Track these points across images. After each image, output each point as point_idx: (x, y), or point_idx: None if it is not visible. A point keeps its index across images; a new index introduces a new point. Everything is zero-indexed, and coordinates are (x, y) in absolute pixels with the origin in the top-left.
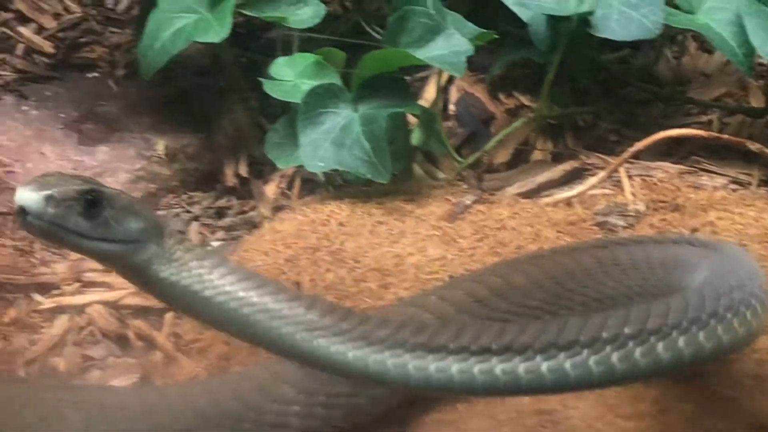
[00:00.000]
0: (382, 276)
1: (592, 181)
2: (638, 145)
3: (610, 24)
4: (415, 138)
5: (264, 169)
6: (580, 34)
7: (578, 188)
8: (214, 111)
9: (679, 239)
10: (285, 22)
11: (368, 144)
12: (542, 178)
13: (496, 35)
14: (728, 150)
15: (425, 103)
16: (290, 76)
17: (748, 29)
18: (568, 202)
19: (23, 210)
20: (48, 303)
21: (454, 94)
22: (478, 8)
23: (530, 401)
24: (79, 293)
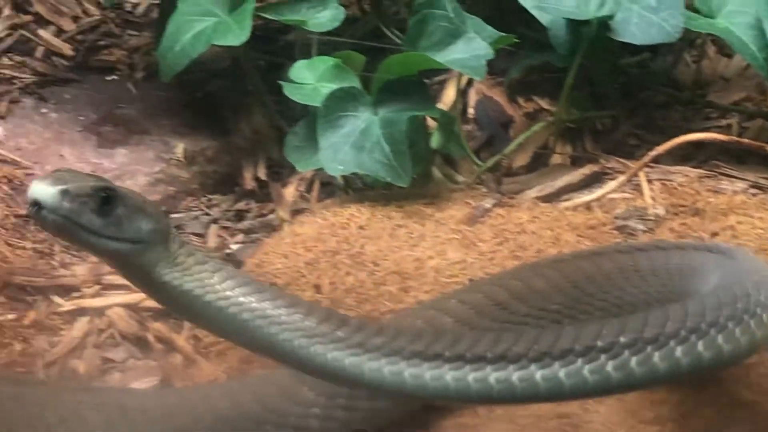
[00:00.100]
0: (402, 279)
1: (612, 185)
2: (658, 149)
3: (630, 28)
4: (434, 141)
5: (282, 172)
6: (599, 38)
7: (598, 192)
8: (233, 114)
9: (699, 246)
10: (304, 25)
11: (388, 147)
12: (562, 181)
13: (515, 39)
14: (748, 154)
15: (444, 106)
16: (310, 80)
17: None
18: (588, 206)
19: (37, 203)
20: (68, 305)
21: (473, 98)
22: (497, 12)
23: (551, 405)
24: (99, 296)
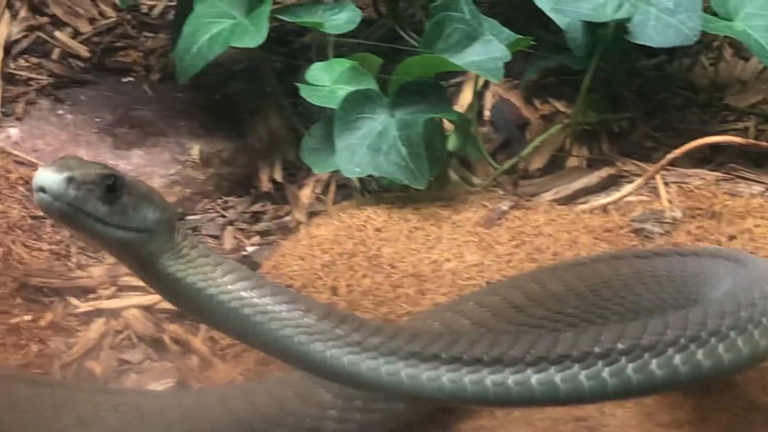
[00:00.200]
0: (419, 282)
1: (629, 187)
2: (675, 152)
3: (647, 30)
4: (450, 143)
5: (298, 174)
6: (616, 41)
7: (614, 195)
8: (249, 116)
9: (715, 252)
10: (321, 27)
11: (405, 149)
12: (578, 184)
13: (532, 41)
14: (765, 157)
15: (460, 108)
16: (327, 82)
17: None
18: (605, 208)
19: (43, 190)
20: (84, 307)
21: (489, 100)
22: (514, 14)
23: (568, 408)
24: (115, 297)
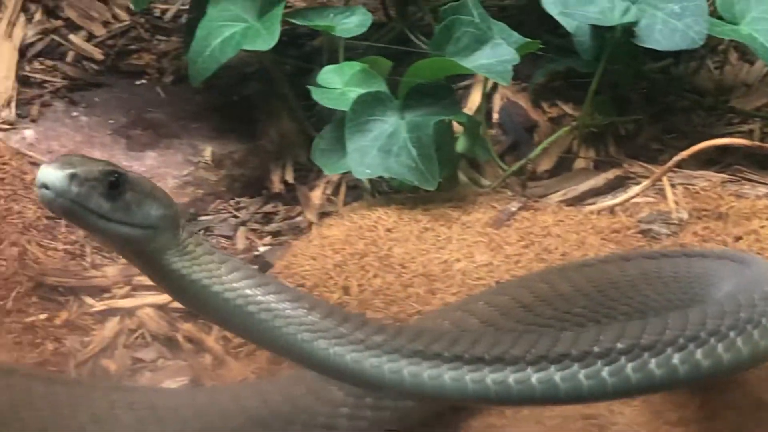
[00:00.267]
0: (429, 281)
1: (636, 189)
2: (682, 154)
3: (654, 34)
4: (460, 145)
5: (309, 175)
6: (623, 44)
7: (622, 196)
8: (260, 118)
9: (720, 254)
10: (332, 30)
11: (415, 151)
12: (585, 185)
13: (540, 45)
14: None
15: (469, 111)
16: (338, 84)
17: None
18: (612, 209)
19: (46, 187)
20: (99, 306)
21: (498, 103)
22: (522, 18)
23: (577, 406)
24: (129, 296)
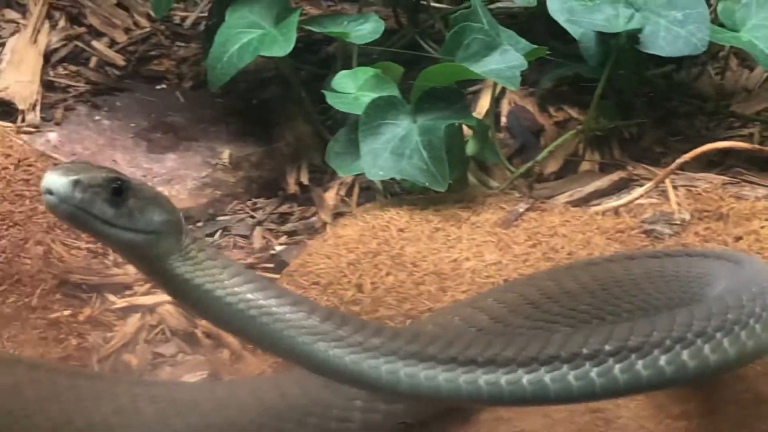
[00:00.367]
0: (440, 279)
1: (640, 191)
2: (685, 157)
3: (658, 41)
4: (469, 148)
5: (324, 177)
6: (628, 50)
7: (626, 198)
8: (277, 121)
9: (720, 254)
10: (347, 37)
11: (426, 153)
12: (591, 187)
13: (547, 51)
14: None
15: (478, 115)
16: (351, 89)
17: None
18: (616, 210)
19: (50, 192)
20: (120, 303)
21: (506, 107)
22: (530, 25)
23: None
24: (150, 293)
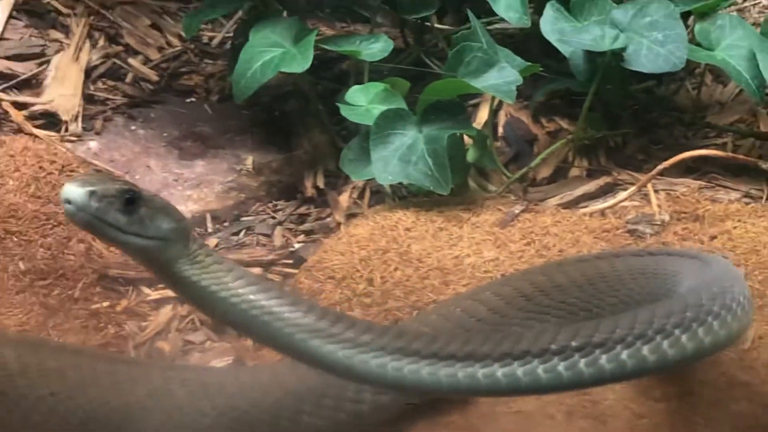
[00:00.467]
0: (443, 274)
1: (624, 194)
2: (664, 164)
3: (641, 59)
4: (470, 155)
5: (338, 181)
6: (613, 67)
7: (611, 200)
8: (295, 131)
9: (695, 255)
10: (358, 55)
11: (431, 160)
12: (580, 191)
13: (540, 68)
14: (741, 168)
15: (478, 125)
16: (363, 102)
17: (760, 64)
18: (603, 212)
19: (69, 202)
20: (154, 295)
21: (503, 118)
22: (525, 44)
23: None
24: None
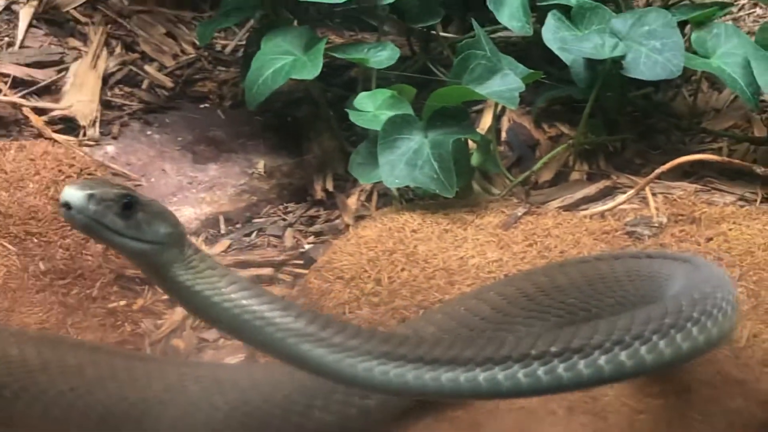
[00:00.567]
0: (448, 274)
1: (622, 197)
2: (662, 168)
3: (639, 66)
4: (474, 159)
5: (347, 184)
6: (612, 75)
7: (610, 203)
8: (306, 136)
9: (687, 258)
10: (366, 63)
11: (436, 164)
12: (580, 194)
13: (542, 75)
14: (736, 172)
15: (482, 130)
16: (371, 108)
17: (755, 72)
18: (602, 214)
19: (68, 205)
20: None
21: (505, 124)
22: (527, 52)
23: None
24: None
